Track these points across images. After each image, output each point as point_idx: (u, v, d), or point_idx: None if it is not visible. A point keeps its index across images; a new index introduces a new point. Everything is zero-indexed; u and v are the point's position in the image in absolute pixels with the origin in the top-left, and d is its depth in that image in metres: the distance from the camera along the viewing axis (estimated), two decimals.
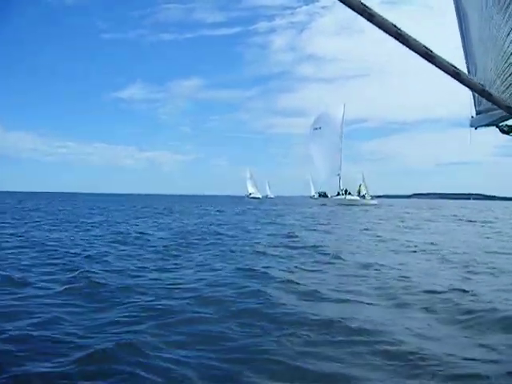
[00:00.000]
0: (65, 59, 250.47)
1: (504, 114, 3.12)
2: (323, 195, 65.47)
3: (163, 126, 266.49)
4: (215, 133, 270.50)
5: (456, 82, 1.97)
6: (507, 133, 3.04)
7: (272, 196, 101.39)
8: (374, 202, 60.13)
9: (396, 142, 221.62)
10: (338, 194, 61.63)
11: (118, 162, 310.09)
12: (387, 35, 1.87)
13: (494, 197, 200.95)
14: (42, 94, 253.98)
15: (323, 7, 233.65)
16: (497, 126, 3.11)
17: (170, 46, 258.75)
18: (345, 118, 63.98)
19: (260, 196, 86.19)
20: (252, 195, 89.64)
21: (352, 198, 59.72)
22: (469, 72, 3.44)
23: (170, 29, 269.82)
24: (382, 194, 65.56)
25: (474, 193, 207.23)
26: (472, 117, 3.35)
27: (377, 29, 1.82)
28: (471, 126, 3.31)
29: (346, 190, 61.35)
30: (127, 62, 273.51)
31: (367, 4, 1.81)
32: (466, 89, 2.21)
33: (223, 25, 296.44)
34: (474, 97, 3.40)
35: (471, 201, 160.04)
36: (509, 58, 3.18)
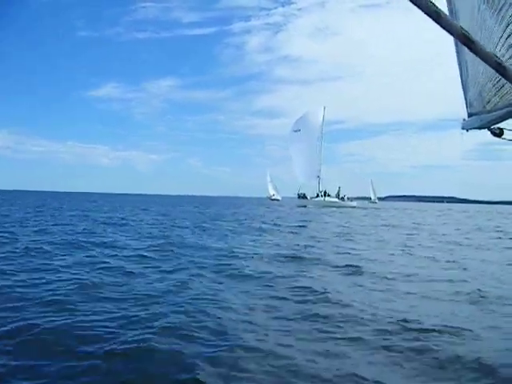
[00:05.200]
0: (39, 57, 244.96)
1: (495, 116, 3.13)
2: (302, 196, 65.69)
3: (138, 125, 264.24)
4: (190, 133, 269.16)
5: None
6: (499, 135, 3.06)
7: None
8: (353, 203, 60.81)
9: (372, 144, 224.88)
10: (317, 196, 62.03)
11: (92, 160, 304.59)
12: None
13: (466, 200, 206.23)
14: (15, 91, 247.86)
15: (299, 9, 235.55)
16: (488, 129, 3.12)
17: (146, 45, 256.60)
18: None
19: (280, 198, 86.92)
20: (273, 197, 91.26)
21: (331, 199, 60.22)
22: (461, 74, 3.46)
23: (147, 28, 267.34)
24: (357, 196, 66.04)
25: (447, 196, 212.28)
26: (464, 119, 3.37)
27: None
28: (463, 128, 3.32)
29: (325, 192, 61.82)
30: (103, 60, 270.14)
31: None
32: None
33: (199, 25, 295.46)
34: (465, 99, 3.42)
35: (445, 204, 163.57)
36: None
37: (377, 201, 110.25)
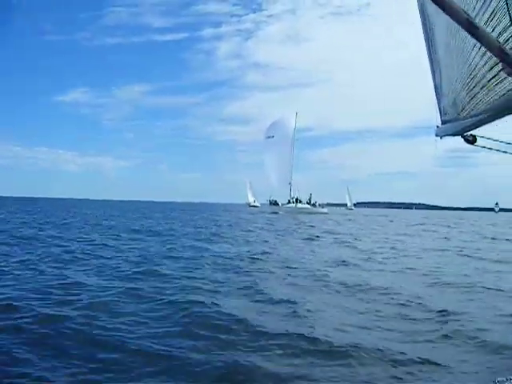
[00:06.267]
0: (4, 60, 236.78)
1: (469, 123, 3.16)
2: (274, 203, 65.77)
3: (107, 131, 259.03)
4: (160, 139, 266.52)
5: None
6: (471, 142, 3.08)
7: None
8: (325, 210, 61.42)
9: (341, 151, 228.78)
10: (289, 202, 62.32)
11: (60, 166, 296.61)
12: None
13: (437, 206, 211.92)
14: None
15: (270, 16, 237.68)
16: (461, 136, 3.14)
17: (115, 49, 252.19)
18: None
19: (259, 205, 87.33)
20: (252, 204, 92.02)
21: (303, 206, 60.64)
22: (434, 81, 3.49)
23: (116, 32, 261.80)
24: (326, 202, 66.58)
25: (417, 202, 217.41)
26: (437, 126, 3.40)
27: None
28: (436, 135, 3.34)
29: (296, 199, 62.19)
30: (71, 65, 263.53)
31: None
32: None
33: (170, 30, 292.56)
34: (439, 106, 3.44)
35: (413, 210, 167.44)
36: (473, 70, 3.22)
37: (353, 207, 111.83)
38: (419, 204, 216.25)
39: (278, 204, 64.25)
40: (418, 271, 11.17)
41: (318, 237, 21.57)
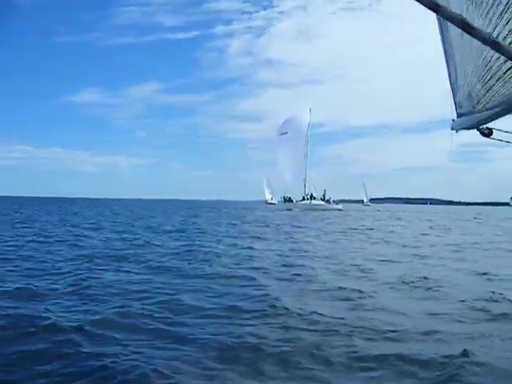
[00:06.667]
0: (18, 62, 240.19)
1: (485, 116, 3.16)
2: (288, 200, 65.71)
3: (120, 130, 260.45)
4: (172, 137, 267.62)
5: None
6: (487, 135, 3.08)
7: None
8: (339, 206, 61.03)
9: (355, 146, 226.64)
10: (303, 199, 62.12)
11: (74, 166, 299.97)
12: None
13: (451, 202, 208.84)
14: None
15: (281, 12, 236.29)
16: (477, 129, 3.14)
17: (127, 49, 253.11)
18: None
19: (276, 202, 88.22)
20: (269, 201, 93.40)
21: (317, 202, 60.41)
22: (449, 75, 3.49)
23: (128, 32, 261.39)
24: (340, 198, 66.32)
25: (431, 198, 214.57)
26: (453, 120, 3.39)
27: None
28: (452, 129, 3.34)
29: (311, 195, 61.96)
30: (84, 65, 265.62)
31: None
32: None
33: (181, 29, 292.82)
34: (454, 100, 3.44)
35: (428, 205, 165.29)
36: (489, 62, 3.23)
37: (370, 204, 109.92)
38: (433, 199, 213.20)
39: (292, 201, 64.18)
40: None
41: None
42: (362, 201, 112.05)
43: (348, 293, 7.83)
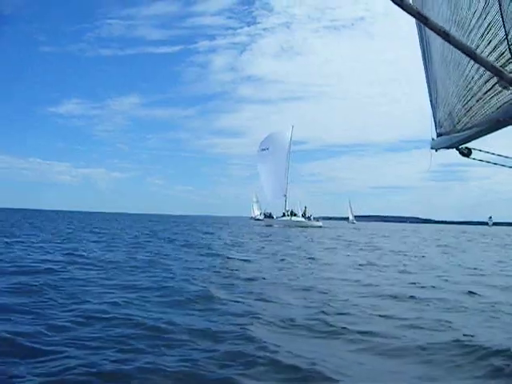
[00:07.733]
0: None
1: (465, 136, 3.18)
2: (269, 216, 65.65)
3: (100, 142, 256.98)
4: (152, 151, 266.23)
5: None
6: (467, 155, 3.10)
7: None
8: (319, 223, 61.23)
9: (334, 164, 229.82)
10: (284, 215, 62.18)
11: (53, 177, 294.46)
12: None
13: (430, 220, 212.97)
14: None
15: (264, 29, 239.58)
16: (457, 149, 3.16)
17: (109, 61, 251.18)
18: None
19: (262, 218, 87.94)
20: (257, 217, 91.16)
21: (297, 219, 60.54)
22: (430, 95, 3.52)
23: (111, 44, 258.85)
24: (324, 215, 66.74)
25: (410, 216, 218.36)
26: (432, 139, 3.41)
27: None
28: (432, 148, 3.36)
29: (291, 211, 62.10)
30: (66, 76, 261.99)
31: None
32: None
33: (164, 43, 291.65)
34: (434, 119, 3.47)
35: (407, 224, 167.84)
36: (470, 82, 3.25)
37: (355, 221, 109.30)
38: (412, 218, 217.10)
39: (272, 217, 64.12)
40: None
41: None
42: (347, 218, 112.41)
43: None
